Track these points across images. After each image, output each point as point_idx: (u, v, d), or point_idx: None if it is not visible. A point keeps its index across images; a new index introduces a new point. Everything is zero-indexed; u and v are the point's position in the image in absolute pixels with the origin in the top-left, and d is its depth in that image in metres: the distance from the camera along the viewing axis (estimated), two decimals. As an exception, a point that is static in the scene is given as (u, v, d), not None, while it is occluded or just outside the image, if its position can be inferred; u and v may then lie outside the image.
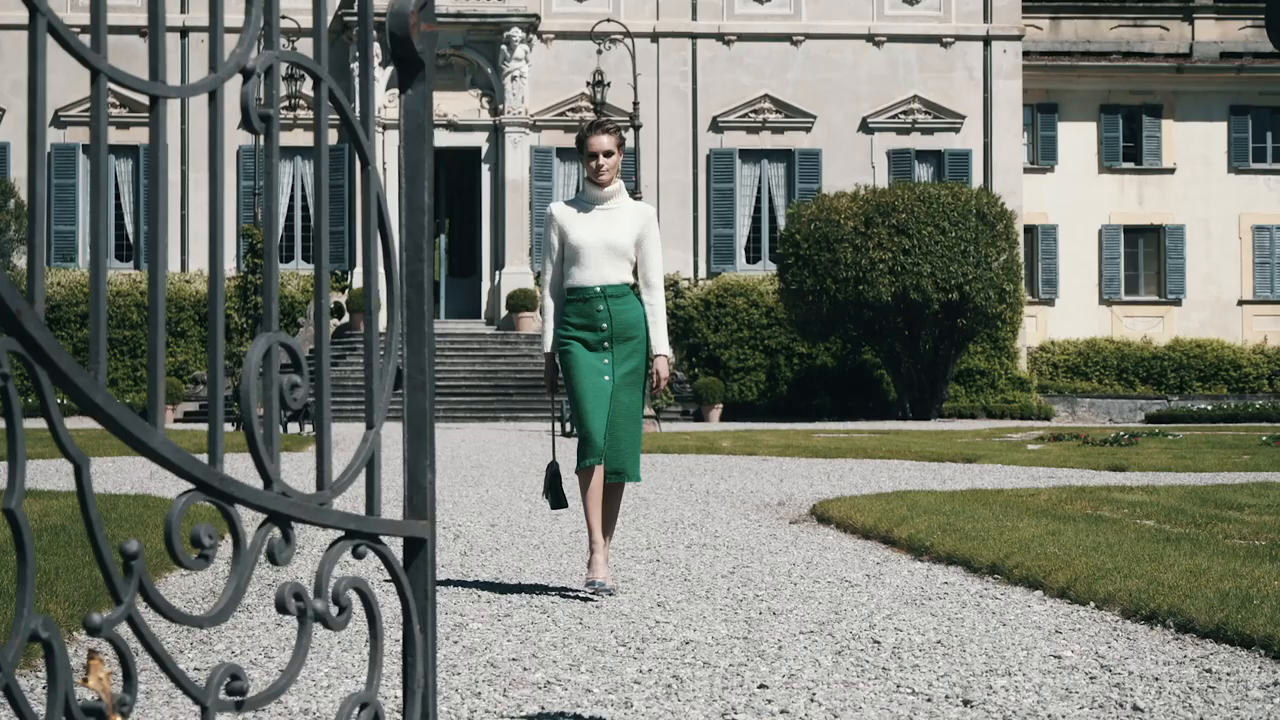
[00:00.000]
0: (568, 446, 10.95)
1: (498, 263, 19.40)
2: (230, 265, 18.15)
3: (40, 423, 0.88)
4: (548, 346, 3.33)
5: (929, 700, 2.17)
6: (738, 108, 19.60)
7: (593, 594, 3.23)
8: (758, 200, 19.80)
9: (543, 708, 2.14)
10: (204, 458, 0.95)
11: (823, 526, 4.98)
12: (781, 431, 13.21)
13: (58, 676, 0.81)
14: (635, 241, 3.34)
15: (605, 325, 3.30)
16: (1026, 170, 20.33)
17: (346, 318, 18.40)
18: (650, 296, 3.36)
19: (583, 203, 3.39)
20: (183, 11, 18.67)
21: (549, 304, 3.35)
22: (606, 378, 3.29)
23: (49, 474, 6.47)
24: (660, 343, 3.34)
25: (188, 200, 18.93)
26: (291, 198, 19.39)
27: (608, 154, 3.33)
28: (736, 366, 18.77)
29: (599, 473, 3.30)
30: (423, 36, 1.11)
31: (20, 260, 17.57)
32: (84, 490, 0.83)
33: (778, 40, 19.64)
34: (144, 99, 0.86)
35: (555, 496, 3.40)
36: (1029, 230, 20.23)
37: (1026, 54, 20.13)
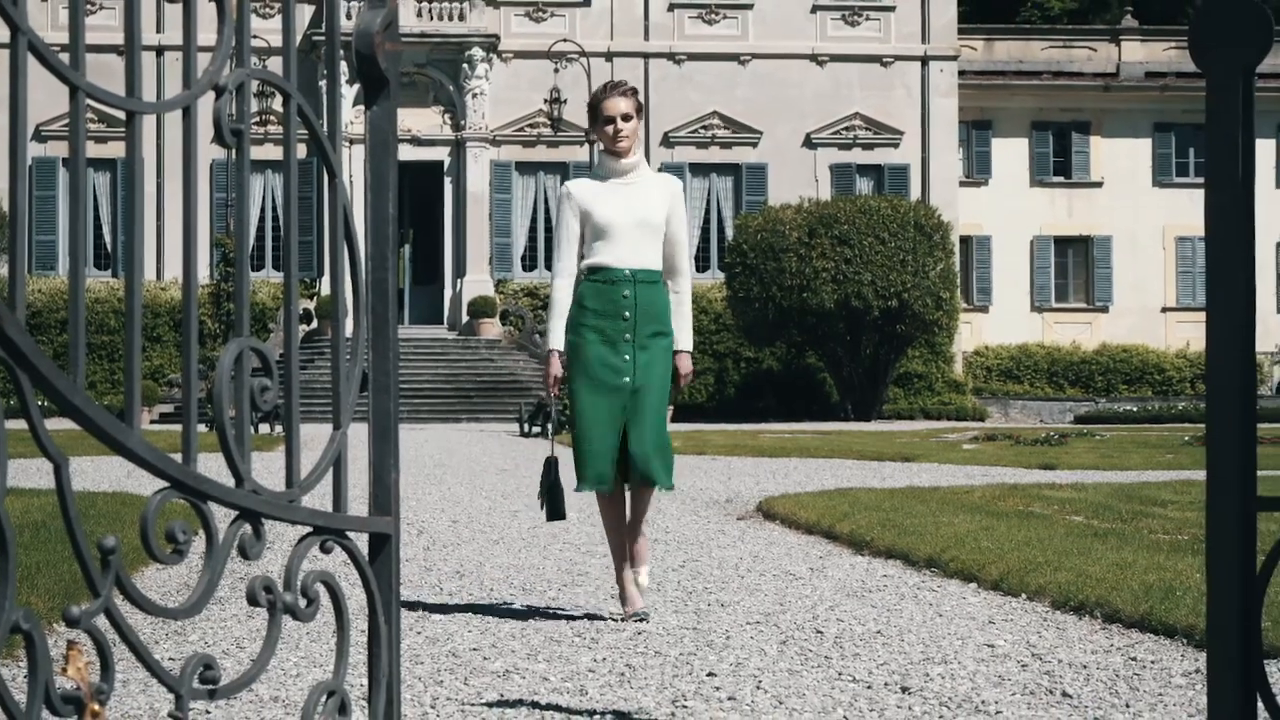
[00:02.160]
0: (535, 446, 10.79)
1: (459, 271, 19.49)
2: (204, 273, 18.08)
3: (21, 423, 0.91)
4: (552, 343, 2.80)
5: (869, 687, 2.25)
6: (688, 124, 19.84)
7: (637, 620, 2.76)
8: (707, 212, 20.06)
9: (502, 695, 2.17)
10: (178, 457, 0.98)
11: (768, 522, 5.04)
12: (729, 432, 13.32)
13: (38, 666, 0.83)
14: (665, 218, 2.80)
15: (629, 314, 2.75)
16: (962, 184, 20.87)
17: (315, 324, 18.30)
18: (677, 284, 2.84)
19: (601, 177, 2.83)
20: (158, 31, 18.30)
21: (561, 298, 2.80)
22: (626, 378, 2.74)
23: (30, 473, 6.30)
24: (685, 338, 2.82)
25: (163, 211, 18.72)
26: (262, 209, 19.30)
27: (626, 117, 2.79)
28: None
29: (619, 498, 2.79)
30: (387, 55, 1.16)
31: (2, 269, 17.08)
32: (63, 488, 0.86)
33: (726, 60, 19.93)
34: (121, 114, 0.90)
35: (553, 505, 2.89)
36: (964, 241, 20.73)
37: (962, 73, 20.67)
